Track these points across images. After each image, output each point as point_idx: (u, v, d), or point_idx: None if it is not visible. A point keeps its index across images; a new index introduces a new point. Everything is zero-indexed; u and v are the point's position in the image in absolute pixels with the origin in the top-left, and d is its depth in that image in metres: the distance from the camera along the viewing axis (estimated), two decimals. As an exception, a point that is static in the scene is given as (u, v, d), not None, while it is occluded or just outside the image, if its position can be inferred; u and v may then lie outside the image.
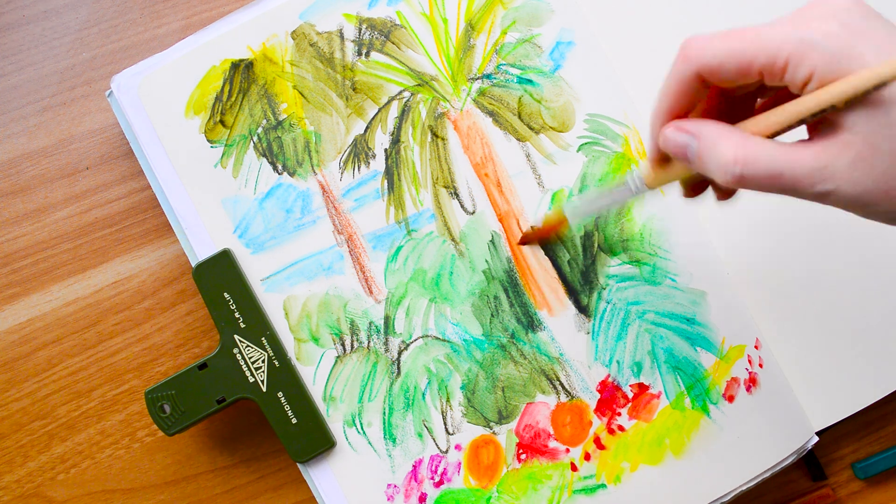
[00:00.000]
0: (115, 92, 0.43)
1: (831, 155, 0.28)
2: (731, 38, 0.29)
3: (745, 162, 0.29)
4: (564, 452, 0.44)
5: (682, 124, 0.31)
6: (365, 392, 0.44)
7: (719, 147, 0.29)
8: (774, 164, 0.28)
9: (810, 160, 0.28)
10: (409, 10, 0.45)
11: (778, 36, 0.28)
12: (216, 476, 0.46)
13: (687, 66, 0.30)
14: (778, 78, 0.29)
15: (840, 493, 0.48)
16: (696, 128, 0.30)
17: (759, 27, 0.29)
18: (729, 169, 0.29)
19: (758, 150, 0.29)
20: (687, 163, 0.31)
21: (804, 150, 0.28)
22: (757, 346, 0.45)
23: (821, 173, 0.28)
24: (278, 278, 0.44)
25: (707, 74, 0.30)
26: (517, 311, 0.44)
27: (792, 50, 0.28)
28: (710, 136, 0.30)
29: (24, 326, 0.46)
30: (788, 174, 0.28)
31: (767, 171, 0.28)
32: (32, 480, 0.45)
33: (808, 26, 0.28)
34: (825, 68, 0.27)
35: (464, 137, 0.45)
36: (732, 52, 0.29)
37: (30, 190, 0.46)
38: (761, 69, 0.29)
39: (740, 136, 0.29)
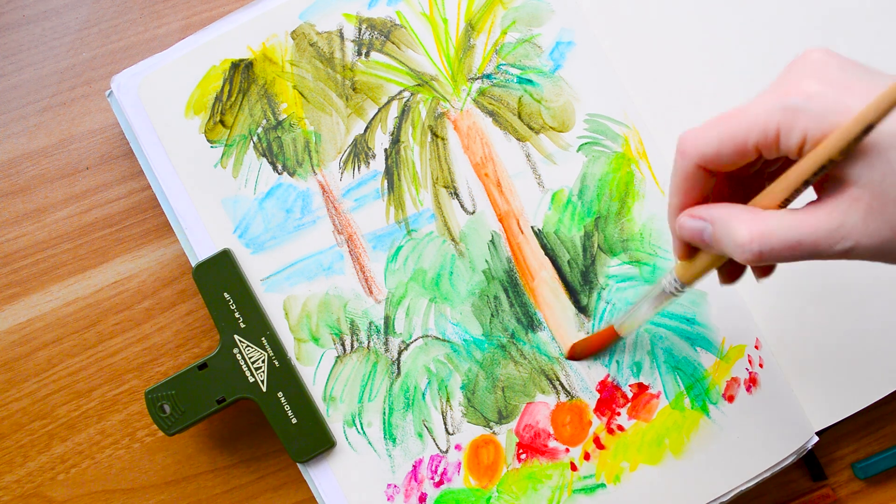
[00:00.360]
0: (115, 92, 0.43)
1: (842, 212, 0.28)
2: (721, 123, 0.30)
3: (760, 238, 0.29)
4: (564, 452, 0.44)
5: (695, 211, 0.31)
6: (365, 392, 0.44)
7: (733, 228, 0.29)
8: (790, 234, 0.28)
9: (824, 222, 0.28)
10: (408, 10, 0.45)
11: (764, 109, 0.28)
12: (216, 476, 0.46)
13: (686, 161, 0.31)
14: (774, 150, 0.29)
15: (840, 493, 0.48)
16: (707, 213, 0.31)
17: (744, 106, 0.29)
18: (746, 248, 0.29)
19: (770, 223, 0.29)
20: (706, 248, 0.32)
21: (816, 213, 0.28)
22: (757, 346, 0.45)
23: (838, 233, 0.28)
24: (278, 278, 0.44)
25: (707, 164, 0.30)
26: (517, 311, 0.44)
27: (780, 119, 0.28)
28: (722, 218, 0.30)
29: (24, 326, 0.46)
30: (806, 241, 0.28)
31: (785, 243, 0.28)
32: (32, 480, 0.45)
33: (790, 92, 0.28)
34: (816, 128, 0.27)
35: (464, 137, 0.45)
36: (724, 137, 0.29)
37: (30, 190, 0.46)
38: (756, 146, 0.29)
39: (751, 213, 0.29)
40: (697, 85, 0.46)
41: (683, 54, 0.46)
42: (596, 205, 0.45)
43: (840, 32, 0.46)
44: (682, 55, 0.46)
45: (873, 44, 0.46)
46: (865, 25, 0.47)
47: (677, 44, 0.46)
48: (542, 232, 0.45)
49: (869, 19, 0.47)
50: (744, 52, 0.46)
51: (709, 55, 0.46)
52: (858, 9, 0.47)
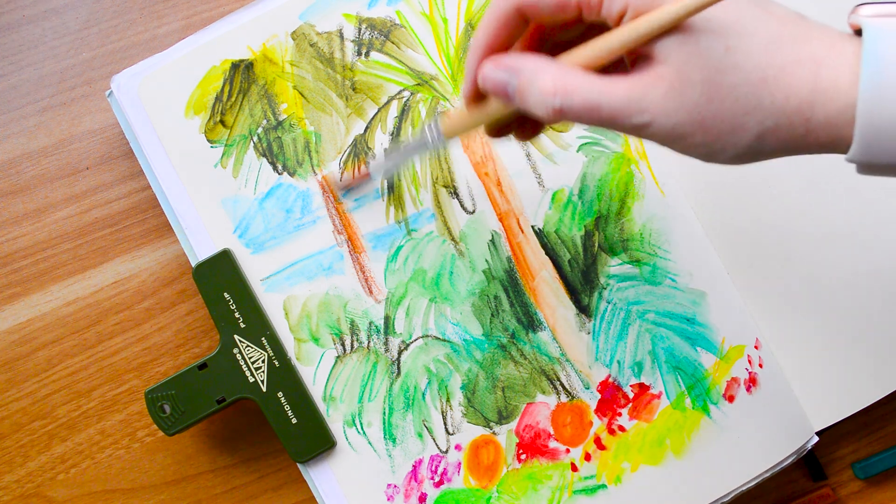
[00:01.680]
0: (115, 92, 0.43)
1: (645, 86, 0.28)
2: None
3: (564, 93, 0.28)
4: (565, 453, 0.44)
5: (501, 59, 0.31)
6: (365, 392, 0.44)
7: (539, 80, 0.29)
8: (592, 96, 0.28)
9: (626, 92, 0.28)
10: (408, 10, 0.45)
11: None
12: (216, 476, 0.46)
13: (506, 1, 0.30)
14: (595, 12, 0.29)
15: (840, 493, 0.48)
16: (515, 62, 0.30)
17: None
18: (549, 101, 0.29)
19: (576, 82, 0.29)
20: (507, 100, 0.31)
21: (621, 83, 0.28)
22: (757, 346, 0.45)
23: (637, 105, 0.28)
24: (278, 278, 0.44)
25: (526, 9, 0.30)
26: (517, 311, 0.44)
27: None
28: (529, 69, 0.29)
29: (24, 326, 0.46)
30: (606, 106, 0.28)
31: (585, 103, 0.28)
32: (32, 480, 0.45)
33: None
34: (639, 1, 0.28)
35: (464, 136, 0.45)
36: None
37: (30, 190, 0.46)
38: (578, 3, 0.29)
39: (559, 68, 0.29)
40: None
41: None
42: (596, 204, 0.45)
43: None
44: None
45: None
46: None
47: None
48: (542, 231, 0.45)
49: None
50: None
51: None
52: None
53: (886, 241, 0.46)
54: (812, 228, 0.46)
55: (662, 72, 0.28)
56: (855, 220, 0.45)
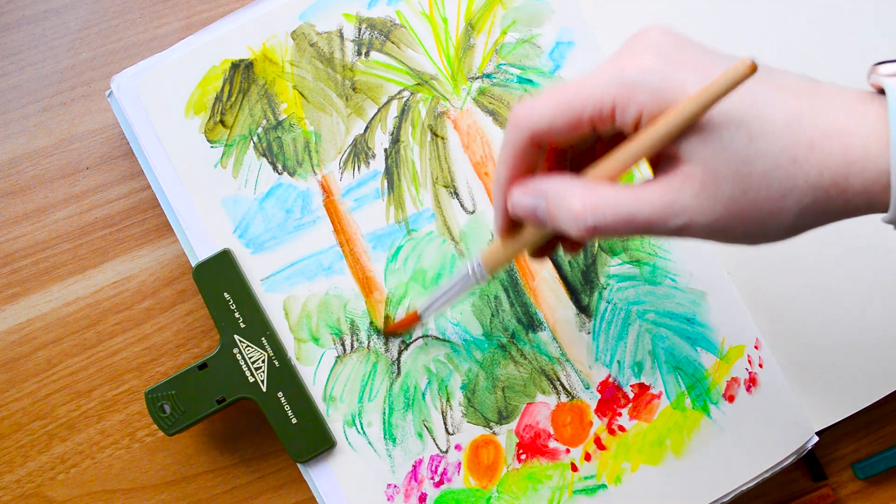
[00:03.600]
0: (115, 92, 0.43)
1: (676, 189, 0.28)
2: (556, 95, 0.29)
3: (594, 212, 0.28)
4: (565, 453, 0.44)
5: (528, 184, 0.31)
6: (365, 392, 0.44)
7: (567, 201, 0.29)
8: (624, 208, 0.28)
9: (658, 198, 0.28)
10: (408, 10, 0.45)
11: (600, 83, 0.28)
12: (216, 476, 0.46)
13: (519, 133, 0.30)
14: (609, 125, 0.28)
15: (840, 493, 0.48)
16: (541, 187, 0.30)
17: (580, 79, 0.29)
18: (581, 221, 0.28)
19: (605, 197, 0.28)
20: (538, 225, 0.31)
21: (650, 189, 0.28)
22: (757, 346, 0.45)
23: (671, 209, 0.28)
24: (278, 278, 0.44)
25: (540, 137, 0.30)
26: (517, 311, 0.44)
27: (616, 94, 0.28)
28: (556, 192, 0.29)
29: (24, 326, 0.46)
30: (640, 216, 0.28)
31: (618, 217, 0.28)
32: (32, 480, 0.45)
33: (627, 67, 0.28)
34: (651, 104, 0.27)
35: (464, 136, 0.45)
36: (559, 109, 0.29)
37: (30, 190, 0.46)
38: (591, 120, 0.28)
39: (585, 186, 0.29)
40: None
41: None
42: (596, 205, 0.45)
43: (841, 33, 0.47)
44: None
45: (872, 44, 0.47)
46: (865, 26, 0.47)
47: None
48: (542, 232, 0.45)
49: (870, 19, 0.47)
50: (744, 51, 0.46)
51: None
52: (858, 10, 0.47)
53: (886, 240, 0.46)
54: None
55: (690, 171, 0.28)
56: (855, 220, 0.45)
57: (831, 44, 0.47)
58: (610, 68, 0.28)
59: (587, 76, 0.29)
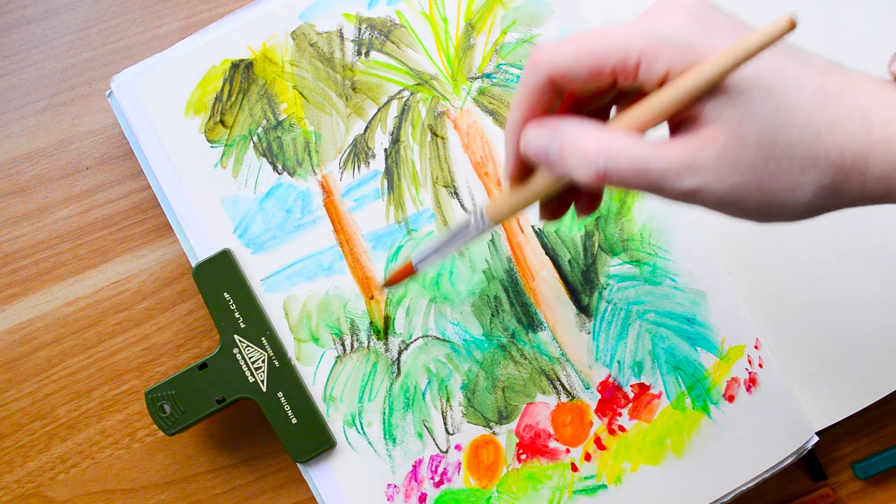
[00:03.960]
0: (115, 92, 0.43)
1: (696, 148, 0.27)
2: (580, 40, 0.28)
3: (608, 154, 0.27)
4: (565, 453, 0.44)
5: (544, 121, 0.29)
6: (365, 392, 0.44)
7: (582, 141, 0.27)
8: (639, 156, 0.27)
9: (676, 154, 0.27)
10: (408, 10, 0.45)
11: (628, 34, 0.27)
12: (216, 476, 0.46)
13: (537, 73, 0.29)
14: (632, 77, 0.28)
15: (840, 493, 0.48)
16: (557, 124, 0.29)
17: (608, 28, 0.28)
18: (592, 162, 0.27)
19: (621, 142, 0.27)
20: (549, 165, 0.29)
21: (670, 145, 0.27)
22: (757, 346, 0.45)
23: (688, 167, 0.27)
24: (278, 278, 0.44)
25: (558, 80, 0.28)
26: (517, 311, 0.44)
27: (644, 46, 0.27)
28: (571, 131, 0.28)
29: (24, 326, 0.46)
30: (654, 168, 0.27)
31: (632, 165, 0.27)
32: (32, 480, 0.45)
33: (657, 22, 0.27)
34: (679, 61, 0.26)
35: (464, 136, 0.45)
36: (582, 54, 0.28)
37: (30, 190, 0.46)
38: (614, 69, 0.27)
39: (603, 130, 0.28)
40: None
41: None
42: (596, 205, 0.45)
43: (837, 39, 0.47)
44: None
45: (870, 44, 0.47)
46: (863, 27, 0.47)
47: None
48: (542, 231, 0.45)
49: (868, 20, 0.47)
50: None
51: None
52: (858, 12, 0.47)
53: (887, 240, 0.46)
54: (812, 228, 0.46)
55: (714, 133, 0.27)
56: (855, 220, 0.45)
57: (840, 37, 0.47)
58: (640, 22, 0.27)
59: (617, 26, 0.28)
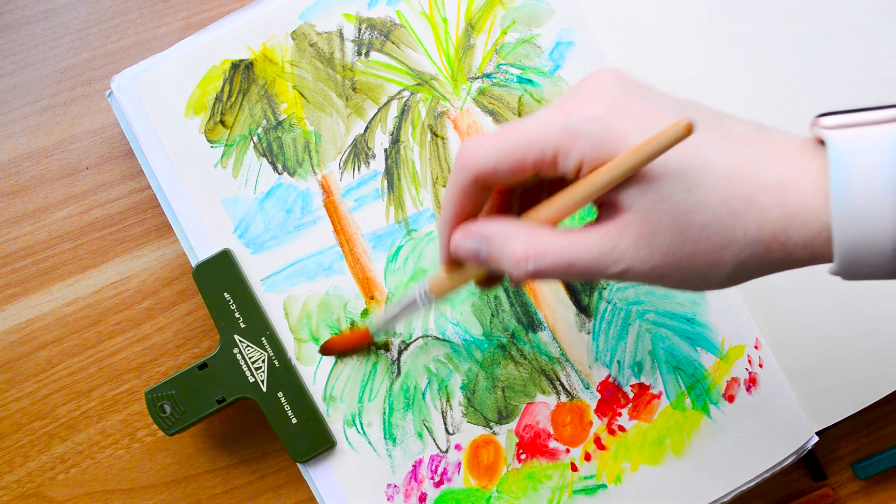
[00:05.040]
0: (115, 92, 0.43)
1: (614, 236, 0.28)
2: (500, 138, 0.29)
3: (536, 257, 0.29)
4: (565, 452, 0.44)
5: (470, 228, 0.31)
6: (365, 392, 0.44)
7: (509, 246, 0.29)
8: (564, 254, 0.28)
9: (597, 244, 0.28)
10: (408, 10, 0.45)
11: (544, 130, 0.28)
12: (216, 476, 0.46)
13: (463, 173, 0.30)
14: (551, 170, 0.29)
15: (840, 493, 0.48)
16: (484, 230, 0.31)
17: (527, 120, 0.29)
18: (521, 266, 0.29)
19: (546, 242, 0.29)
20: (481, 264, 0.31)
21: (591, 235, 0.28)
22: (757, 346, 0.45)
23: (610, 256, 0.28)
24: (278, 278, 0.44)
25: (484, 178, 0.30)
26: (517, 311, 0.44)
27: (558, 141, 0.28)
28: (498, 236, 0.30)
29: (24, 326, 0.46)
30: (579, 262, 0.28)
31: (559, 262, 0.28)
32: (32, 480, 0.45)
33: (570, 113, 0.28)
34: (592, 153, 0.27)
35: (464, 136, 0.45)
36: (503, 153, 0.29)
37: (30, 190, 0.46)
38: (534, 164, 0.29)
39: (527, 230, 0.29)
40: (697, 85, 0.46)
41: (683, 55, 0.46)
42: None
43: (837, 39, 0.47)
44: (682, 56, 0.46)
45: (870, 45, 0.47)
46: (863, 28, 0.47)
47: (677, 44, 0.46)
48: (542, 232, 0.45)
49: (867, 21, 0.47)
50: (744, 52, 0.46)
51: (708, 56, 0.46)
52: (857, 12, 0.47)
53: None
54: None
55: (629, 220, 0.28)
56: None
57: (829, 43, 0.47)
58: (554, 114, 0.28)
59: (533, 118, 0.29)
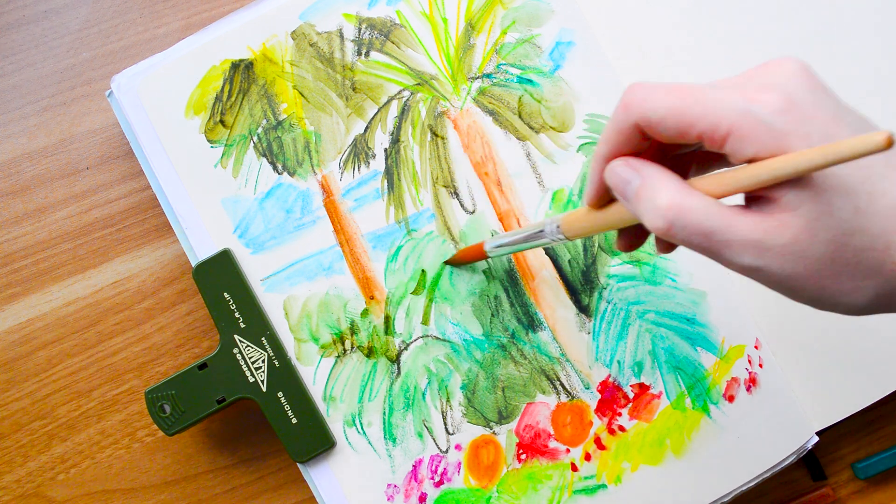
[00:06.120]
0: (115, 92, 0.43)
1: (766, 230, 0.27)
2: (675, 95, 0.28)
3: (678, 210, 0.27)
4: (565, 453, 0.44)
5: (631, 161, 0.30)
6: (365, 392, 0.44)
7: (658, 191, 0.28)
8: (708, 221, 0.27)
9: (746, 230, 0.27)
10: (408, 10, 0.45)
11: (722, 103, 0.27)
12: (216, 476, 0.46)
13: (627, 115, 0.29)
14: (718, 146, 0.28)
15: (840, 493, 0.48)
16: (642, 167, 0.29)
17: (705, 88, 0.28)
18: (660, 214, 0.27)
19: (695, 203, 0.27)
20: (624, 200, 0.30)
21: (742, 218, 0.27)
22: (757, 346, 0.45)
23: (753, 246, 0.27)
24: (278, 278, 0.44)
25: (645, 127, 0.29)
26: (517, 311, 0.44)
27: (735, 121, 0.27)
28: (652, 178, 0.28)
29: (24, 326, 0.46)
30: (719, 235, 0.27)
31: (698, 226, 0.27)
32: (32, 480, 0.45)
33: (754, 97, 0.27)
34: (767, 147, 0.26)
35: (464, 136, 0.45)
36: (673, 110, 0.28)
37: (30, 190, 0.46)
38: (701, 134, 0.27)
39: (680, 185, 0.28)
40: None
41: (683, 54, 0.46)
42: (596, 205, 0.45)
43: (836, 39, 0.47)
44: (682, 55, 0.46)
45: (869, 46, 0.47)
46: (863, 28, 0.47)
47: (677, 44, 0.46)
48: (542, 232, 0.45)
49: (868, 22, 0.47)
50: (745, 51, 0.46)
51: (709, 55, 0.46)
52: (857, 12, 0.47)
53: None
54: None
55: (788, 221, 0.27)
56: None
57: (829, 43, 0.47)
58: (738, 94, 0.27)
59: (714, 89, 0.28)
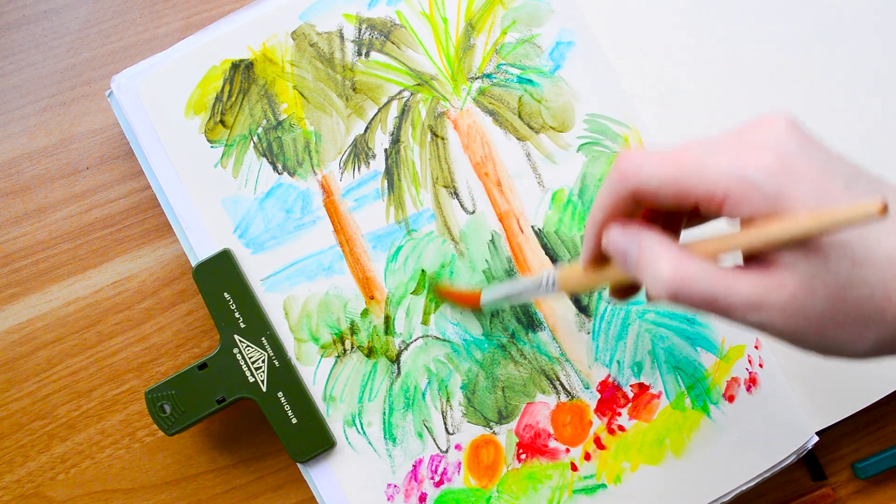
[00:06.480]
0: (115, 92, 0.43)
1: (766, 289, 0.28)
2: (669, 163, 0.29)
3: (681, 282, 0.28)
4: (564, 452, 0.44)
5: (629, 228, 0.31)
6: (365, 392, 0.44)
7: (659, 262, 0.29)
8: (711, 289, 0.28)
9: (746, 291, 0.28)
10: (408, 10, 0.45)
11: (717, 170, 0.28)
12: (216, 476, 0.46)
13: (623, 185, 0.30)
14: (714, 211, 0.28)
15: (840, 493, 0.48)
16: (640, 236, 0.30)
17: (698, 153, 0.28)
18: (665, 285, 0.28)
19: (695, 271, 0.28)
20: (624, 268, 0.31)
21: (741, 280, 0.28)
22: (757, 346, 0.45)
23: (755, 306, 0.28)
24: (278, 278, 0.44)
25: (642, 196, 0.29)
26: (517, 311, 0.44)
27: (730, 187, 0.27)
28: (651, 248, 0.29)
29: (24, 326, 0.46)
30: (723, 301, 0.28)
31: (702, 294, 0.28)
32: (32, 480, 0.45)
33: (747, 161, 0.27)
34: (763, 209, 0.27)
35: (464, 137, 0.45)
36: (668, 179, 0.29)
37: (30, 190, 0.46)
38: (698, 201, 0.28)
39: (680, 253, 0.29)
40: (697, 85, 0.46)
41: (683, 54, 0.46)
42: (596, 205, 0.45)
43: (836, 39, 0.47)
44: (683, 55, 0.46)
45: (869, 46, 0.47)
46: (863, 28, 0.47)
47: (677, 44, 0.46)
48: (542, 231, 0.45)
49: (868, 22, 0.47)
50: (745, 51, 0.46)
51: (709, 55, 0.46)
52: (857, 12, 0.47)
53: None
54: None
55: (785, 280, 0.27)
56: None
57: (829, 43, 0.47)
58: (731, 159, 0.28)
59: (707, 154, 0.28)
